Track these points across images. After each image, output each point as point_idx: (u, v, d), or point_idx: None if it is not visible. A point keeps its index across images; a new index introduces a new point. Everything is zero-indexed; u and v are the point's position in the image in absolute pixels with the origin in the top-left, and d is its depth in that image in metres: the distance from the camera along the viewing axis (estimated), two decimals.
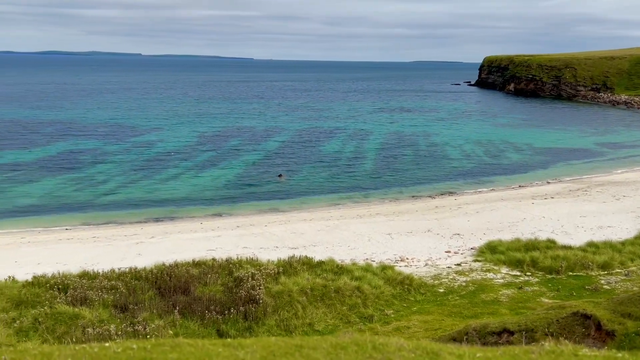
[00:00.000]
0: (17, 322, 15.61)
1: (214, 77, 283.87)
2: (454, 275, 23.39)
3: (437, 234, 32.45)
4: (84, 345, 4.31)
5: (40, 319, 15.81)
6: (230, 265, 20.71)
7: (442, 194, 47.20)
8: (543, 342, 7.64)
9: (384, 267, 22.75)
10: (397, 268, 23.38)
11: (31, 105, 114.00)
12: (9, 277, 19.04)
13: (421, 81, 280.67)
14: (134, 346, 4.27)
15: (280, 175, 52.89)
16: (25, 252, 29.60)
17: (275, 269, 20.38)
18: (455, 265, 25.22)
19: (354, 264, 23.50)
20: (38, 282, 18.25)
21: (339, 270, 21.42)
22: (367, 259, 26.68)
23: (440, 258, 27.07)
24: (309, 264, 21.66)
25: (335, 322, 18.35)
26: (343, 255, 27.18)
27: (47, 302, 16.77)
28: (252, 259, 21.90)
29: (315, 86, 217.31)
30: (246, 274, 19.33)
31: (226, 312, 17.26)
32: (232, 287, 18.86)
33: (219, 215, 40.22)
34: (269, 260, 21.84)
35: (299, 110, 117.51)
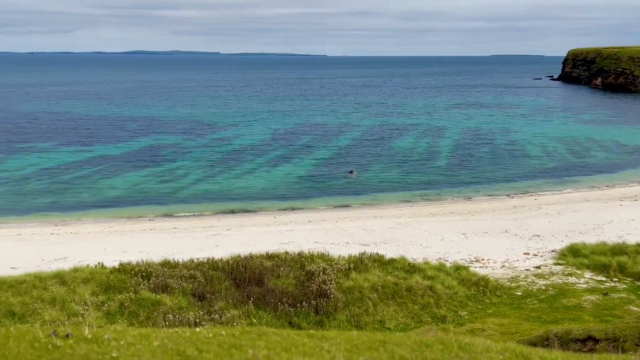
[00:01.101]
0: (106, 305, 16.72)
1: (288, 75, 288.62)
2: (533, 278, 22.39)
3: (515, 235, 31.18)
4: (177, 329, 4.55)
5: (125, 304, 16.83)
6: (302, 259, 21.02)
7: (521, 194, 45.27)
8: (632, 353, 7.12)
9: (457, 267, 22.19)
10: (471, 269, 22.73)
11: (117, 102, 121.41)
12: (99, 263, 20.40)
13: (500, 76, 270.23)
14: (223, 332, 4.44)
15: (351, 172, 52.93)
16: (113, 240, 31.60)
17: (346, 265, 20.45)
18: (534, 267, 24.13)
19: (426, 263, 23.10)
20: (124, 269, 19.42)
21: (411, 268, 21.15)
22: (440, 258, 26.14)
23: (518, 260, 26.00)
24: (380, 261, 21.55)
25: (407, 321, 18.14)
26: (415, 254, 26.79)
27: (132, 288, 17.82)
28: (323, 253, 22.11)
29: (388, 82, 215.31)
30: (317, 269, 19.55)
31: (298, 305, 17.55)
32: (304, 280, 19.14)
33: (292, 210, 40.92)
34: (339, 256, 21.94)
35: (371, 106, 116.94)
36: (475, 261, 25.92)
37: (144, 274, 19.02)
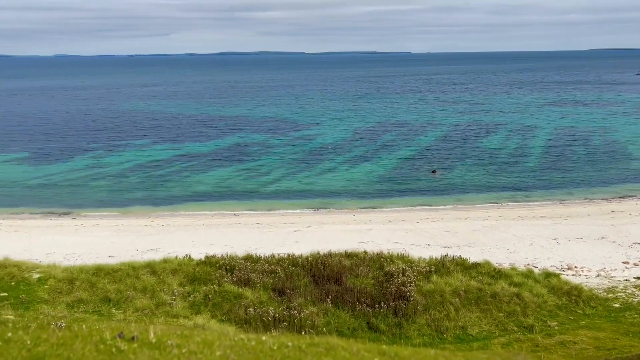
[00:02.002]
0: (191, 296, 17.43)
1: (371, 73, 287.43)
2: (633, 289, 20.59)
3: (613, 242, 28.89)
4: (242, 337, 4.54)
5: (210, 295, 17.46)
6: (382, 259, 20.73)
7: (620, 198, 41.94)
8: None
9: (547, 275, 20.87)
10: (563, 277, 21.30)
11: (207, 102, 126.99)
12: (186, 255, 21.34)
13: (598, 71, 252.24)
14: (289, 344, 4.36)
15: (434, 171, 51.66)
16: (201, 233, 33.04)
17: (427, 267, 19.91)
18: (634, 278, 22.20)
19: (513, 268, 21.96)
20: (209, 262, 20.16)
21: (496, 274, 20.17)
22: (528, 264, 24.81)
23: (615, 269, 24.06)
24: (463, 265, 20.77)
25: (491, 328, 17.33)
26: (501, 259, 25.61)
27: (216, 280, 18.45)
28: (403, 254, 21.69)
29: (476, 79, 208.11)
30: (397, 270, 19.19)
31: (376, 305, 17.33)
32: (383, 281, 18.87)
33: (372, 208, 40.66)
34: (420, 258, 21.42)
35: (457, 104, 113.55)
36: (568, 269, 24.33)
37: (227, 267, 19.63)
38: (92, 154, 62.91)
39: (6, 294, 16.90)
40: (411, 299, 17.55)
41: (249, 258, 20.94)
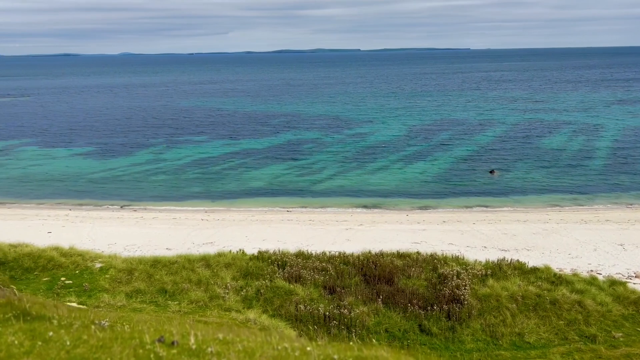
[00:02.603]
0: (244, 290, 17.68)
1: (428, 69, 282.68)
2: None
3: None
4: (286, 346, 4.42)
5: (262, 291, 17.65)
6: (435, 260, 20.27)
7: None
8: None
9: (612, 282, 19.74)
10: (630, 285, 20.08)
11: (262, 99, 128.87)
12: (240, 250, 21.69)
13: None
14: (335, 357, 4.21)
15: (492, 171, 50.12)
16: (254, 228, 33.53)
17: (483, 271, 19.28)
18: None
19: (574, 274, 20.93)
20: (262, 257, 20.40)
21: (557, 279, 19.28)
22: (591, 270, 23.59)
23: None
24: (520, 269, 19.98)
25: (550, 336, 16.58)
26: (562, 264, 24.49)
27: (268, 275, 18.64)
28: (457, 256, 21.12)
29: (538, 75, 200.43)
30: (451, 272, 18.71)
31: (429, 308, 16.95)
32: (436, 283, 18.44)
33: (425, 208, 39.92)
34: (476, 261, 20.79)
35: (517, 101, 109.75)
36: (635, 277, 22.96)
37: (279, 263, 19.80)
38: (152, 149, 65.24)
39: (71, 282, 17.74)
40: (465, 302, 17.05)
41: (300, 255, 21.03)
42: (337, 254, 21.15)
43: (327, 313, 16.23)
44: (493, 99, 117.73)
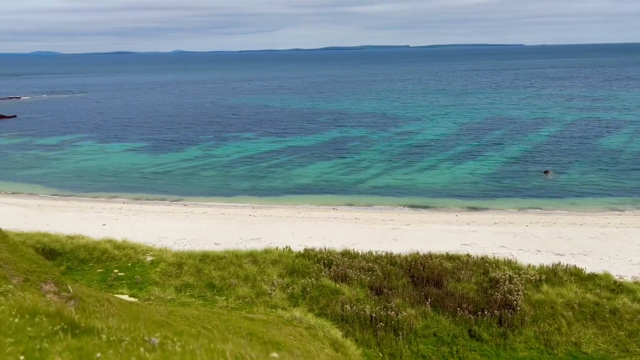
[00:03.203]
0: (290, 288, 17.65)
1: (479, 66, 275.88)
2: None
3: None
4: (330, 354, 4.17)
5: (307, 289, 17.56)
6: (486, 264, 19.61)
7: None
8: None
9: None
10: None
11: (309, 96, 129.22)
12: (286, 247, 21.70)
13: None
14: None
15: (546, 172, 48.29)
16: (300, 225, 33.58)
17: (537, 276, 18.50)
18: None
19: (637, 282, 19.79)
20: (308, 255, 20.31)
21: (617, 287, 18.27)
22: None
23: None
24: (577, 275, 19.05)
25: (609, 347, 15.72)
26: (622, 271, 23.24)
27: (314, 274, 18.53)
28: (510, 260, 20.37)
29: (596, 72, 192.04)
30: (503, 276, 18.04)
31: (479, 313, 16.40)
32: (487, 287, 17.82)
33: (475, 209, 38.87)
34: (529, 265, 19.98)
35: (574, 99, 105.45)
36: None
37: (325, 261, 19.65)
38: (202, 145, 66.57)
39: (123, 274, 18.22)
40: (518, 308, 16.40)
41: (346, 254, 20.82)
42: (383, 254, 20.81)
43: (374, 314, 15.97)
44: (548, 96, 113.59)
